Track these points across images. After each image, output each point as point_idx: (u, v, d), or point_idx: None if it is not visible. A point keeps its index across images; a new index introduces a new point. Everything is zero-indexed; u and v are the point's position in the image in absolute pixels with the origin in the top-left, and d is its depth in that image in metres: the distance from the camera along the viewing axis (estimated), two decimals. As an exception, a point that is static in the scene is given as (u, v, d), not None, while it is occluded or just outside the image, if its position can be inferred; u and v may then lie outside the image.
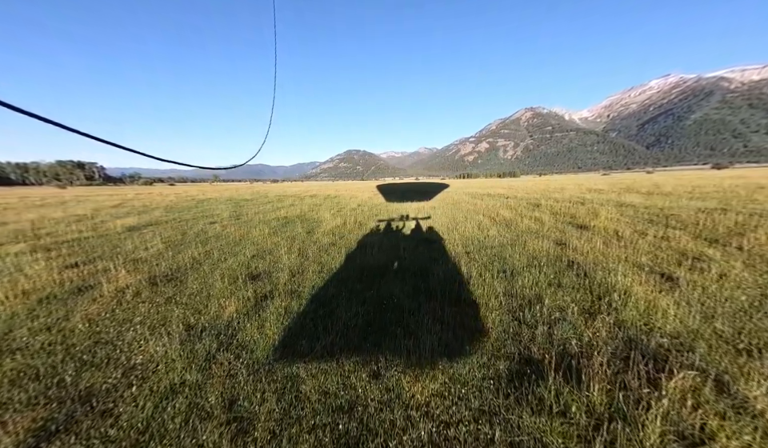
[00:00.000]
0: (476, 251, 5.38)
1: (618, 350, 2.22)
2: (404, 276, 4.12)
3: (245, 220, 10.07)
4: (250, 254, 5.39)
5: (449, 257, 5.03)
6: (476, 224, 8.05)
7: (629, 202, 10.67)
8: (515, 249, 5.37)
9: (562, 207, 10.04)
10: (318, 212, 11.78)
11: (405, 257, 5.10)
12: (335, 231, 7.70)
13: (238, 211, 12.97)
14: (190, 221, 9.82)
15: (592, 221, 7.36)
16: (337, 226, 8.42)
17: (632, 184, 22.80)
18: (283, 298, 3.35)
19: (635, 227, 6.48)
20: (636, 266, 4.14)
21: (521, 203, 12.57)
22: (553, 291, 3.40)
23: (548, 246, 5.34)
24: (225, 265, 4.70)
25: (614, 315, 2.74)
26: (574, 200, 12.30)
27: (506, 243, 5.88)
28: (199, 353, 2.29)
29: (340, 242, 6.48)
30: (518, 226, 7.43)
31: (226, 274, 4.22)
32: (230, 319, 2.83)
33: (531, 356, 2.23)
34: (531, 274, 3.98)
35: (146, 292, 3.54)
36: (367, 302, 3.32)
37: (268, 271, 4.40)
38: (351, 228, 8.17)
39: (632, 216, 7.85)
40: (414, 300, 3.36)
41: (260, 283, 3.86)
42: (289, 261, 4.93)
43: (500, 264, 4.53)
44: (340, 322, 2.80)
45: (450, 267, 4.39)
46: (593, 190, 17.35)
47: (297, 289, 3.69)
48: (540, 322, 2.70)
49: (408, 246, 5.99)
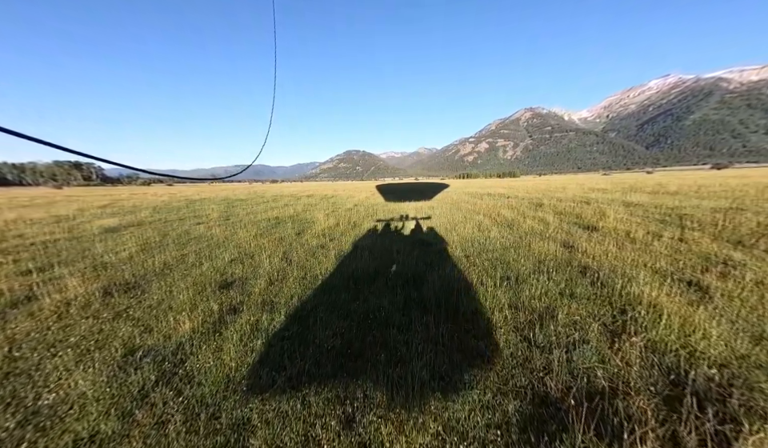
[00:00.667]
0: (476, 255, 4.92)
1: (659, 386, 1.75)
2: (396, 284, 3.66)
3: (234, 220, 9.60)
4: (228, 258, 4.92)
5: (446, 261, 4.57)
6: (476, 224, 7.59)
7: (636, 201, 10.22)
8: (519, 252, 4.91)
9: (566, 207, 9.59)
10: (311, 212, 11.32)
11: (398, 261, 4.64)
12: (326, 232, 7.23)
13: (229, 211, 12.50)
14: (176, 222, 9.35)
15: (600, 221, 6.90)
16: (329, 227, 7.96)
17: (635, 184, 22.37)
18: (253, 312, 2.89)
19: (647, 228, 6.03)
20: (656, 272, 3.68)
21: (522, 203, 12.11)
22: (566, 303, 2.94)
23: (555, 249, 4.88)
24: (198, 271, 4.23)
25: (644, 335, 2.28)
26: (577, 199, 11.85)
27: (509, 245, 5.42)
28: (131, 388, 1.82)
29: (330, 244, 6.01)
30: (520, 227, 6.98)
31: (196, 282, 3.75)
32: (183, 340, 2.37)
33: (548, 393, 1.77)
34: (539, 281, 3.52)
35: (96, 304, 3.07)
36: (351, 316, 2.86)
37: (244, 278, 3.93)
38: (344, 229, 7.70)
39: (642, 216, 7.40)
40: (404, 314, 2.90)
41: (231, 293, 3.40)
42: (270, 266, 4.47)
43: (503, 269, 4.07)
44: (314, 344, 2.34)
45: (447, 273, 3.92)
46: (596, 190, 16.91)
47: (272, 300, 3.23)
48: (555, 343, 2.24)
49: (403, 248, 5.53)
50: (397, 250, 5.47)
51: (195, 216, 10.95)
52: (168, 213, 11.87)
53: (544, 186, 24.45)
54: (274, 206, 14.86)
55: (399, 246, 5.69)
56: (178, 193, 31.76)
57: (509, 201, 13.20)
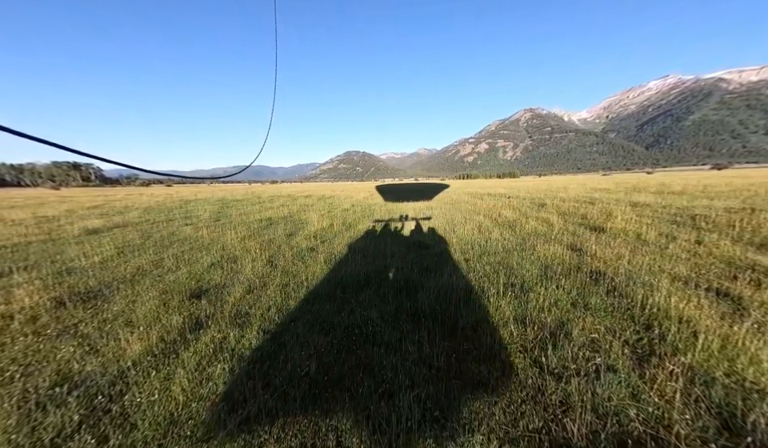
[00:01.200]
0: (477, 258, 4.55)
1: (710, 433, 1.38)
2: (388, 292, 3.29)
3: (225, 221, 9.23)
4: (209, 263, 4.54)
5: (444, 266, 4.20)
6: (476, 225, 7.22)
7: (642, 201, 9.85)
8: (523, 255, 4.54)
9: (570, 207, 9.22)
10: (306, 213, 10.95)
11: (392, 266, 4.27)
12: (319, 234, 6.86)
13: (222, 212, 12.14)
14: (164, 223, 8.97)
15: (607, 222, 6.54)
16: (322, 228, 7.59)
17: (637, 184, 22.02)
18: (222, 328, 2.52)
19: (659, 229, 5.66)
20: (678, 279, 3.31)
21: (524, 203, 11.75)
22: (580, 316, 2.57)
23: (562, 252, 4.51)
24: (172, 277, 3.86)
25: (680, 359, 1.91)
26: (581, 199, 11.48)
27: (512, 248, 5.05)
28: (42, 436, 1.45)
29: (321, 246, 5.65)
30: (523, 228, 6.61)
31: (166, 290, 3.38)
32: (129, 366, 1.99)
33: (569, 441, 1.39)
34: (547, 289, 3.15)
35: (44, 317, 2.69)
36: (333, 331, 2.49)
37: (220, 286, 3.56)
38: (338, 230, 7.34)
39: (651, 216, 7.03)
40: (395, 328, 2.53)
41: (202, 303, 3.02)
42: (252, 271, 4.10)
43: (506, 275, 3.70)
44: (286, 369, 1.97)
45: (445, 280, 3.55)
46: (598, 190, 16.56)
47: (246, 312, 2.85)
48: (572, 370, 1.87)
49: (398, 251, 5.16)
50: (392, 253, 5.10)
51: (186, 217, 10.58)
52: (159, 213, 11.50)
53: (545, 186, 24.10)
54: (269, 206, 14.50)
55: (395, 249, 5.32)
56: (175, 193, 31.35)
57: (510, 201, 12.83)
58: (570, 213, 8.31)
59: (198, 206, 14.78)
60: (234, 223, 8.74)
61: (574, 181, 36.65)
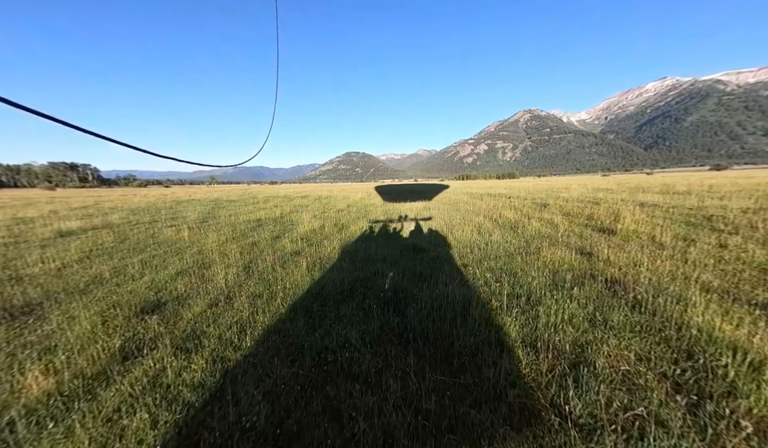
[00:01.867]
0: (477, 263, 4.10)
1: None
2: (373, 304, 2.83)
3: (212, 223, 8.77)
4: (178, 269, 4.08)
5: (440, 272, 3.75)
6: (475, 227, 6.77)
7: (649, 201, 9.42)
8: (527, 260, 4.09)
9: (574, 207, 8.78)
10: (299, 214, 10.49)
11: (382, 272, 3.81)
12: (308, 236, 6.41)
13: (212, 213, 11.67)
14: (146, 224, 8.51)
15: (616, 223, 6.10)
16: (312, 230, 7.13)
17: (639, 184, 21.63)
18: (164, 355, 2.05)
19: (674, 231, 5.22)
20: (709, 289, 2.86)
21: (525, 203, 11.31)
22: (602, 338, 2.11)
23: (571, 257, 4.06)
24: (129, 287, 3.39)
25: (742, 404, 1.46)
26: (584, 199, 11.05)
27: (514, 252, 4.60)
28: None
29: (307, 250, 5.19)
30: (525, 230, 6.16)
31: (116, 304, 2.91)
32: (19, 416, 1.53)
33: None
34: (558, 302, 2.70)
35: (-48, 340, 2.23)
36: (302, 358, 2.03)
37: (182, 298, 3.10)
38: (329, 232, 6.88)
39: (662, 217, 6.59)
40: (377, 353, 2.07)
41: (151, 321, 2.56)
42: (224, 279, 3.64)
43: (510, 284, 3.25)
44: (227, 418, 1.51)
45: (440, 290, 3.10)
46: (601, 190, 16.14)
47: (202, 332, 2.39)
48: (605, 421, 1.42)
49: (390, 255, 4.70)
50: (383, 257, 4.64)
51: (173, 218, 10.12)
52: (145, 214, 11.02)
53: (546, 187, 23.70)
54: (262, 207, 14.04)
55: (387, 253, 4.87)
56: (171, 194, 30.82)
57: (510, 201, 12.40)
58: (574, 213, 7.88)
59: (189, 207, 14.31)
60: (221, 225, 8.28)
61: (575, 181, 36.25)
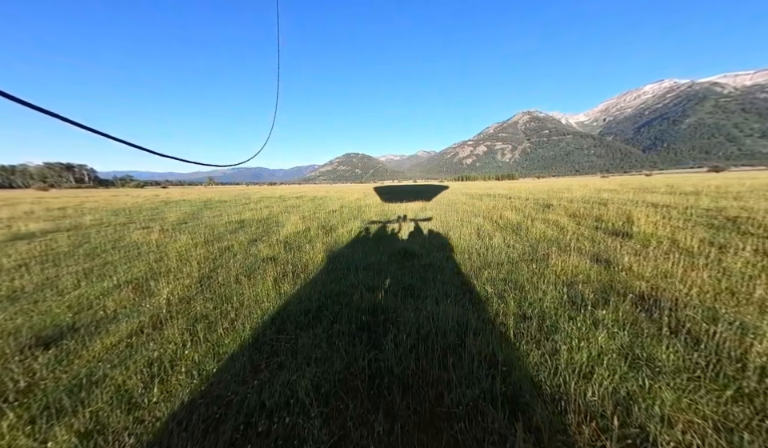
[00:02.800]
0: (475, 272, 3.49)
1: None
2: (344, 331, 2.22)
3: (191, 224, 8.15)
4: (121, 280, 3.46)
5: (431, 284, 3.14)
6: (474, 229, 6.17)
7: (659, 201, 8.84)
8: (535, 269, 3.48)
9: (579, 208, 8.19)
10: (288, 215, 9.86)
11: (363, 285, 3.20)
12: (288, 240, 5.80)
13: (197, 214, 11.04)
14: (118, 226, 7.87)
15: (631, 225, 5.51)
16: (296, 232, 6.52)
17: (642, 184, 21.10)
18: (14, 424, 1.43)
19: (698, 234, 4.62)
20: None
21: (527, 204, 10.73)
22: (651, 389, 1.51)
23: (586, 266, 3.46)
24: (44, 306, 2.76)
25: None
26: (590, 200, 10.46)
27: (519, 258, 4.00)
28: None
29: (284, 256, 4.58)
30: (529, 233, 5.57)
31: (13, 331, 2.29)
32: None
33: None
34: (581, 329, 2.09)
35: None
36: (222, 425, 1.42)
37: (101, 322, 2.47)
38: (314, 234, 6.27)
39: (679, 218, 6.01)
40: (332, 417, 1.46)
41: (40, 359, 1.93)
42: (169, 294, 3.01)
43: (517, 300, 2.64)
44: None
45: (429, 310, 2.49)
46: (605, 190, 15.58)
47: (96, 379, 1.77)
48: None
49: (377, 262, 4.10)
50: (368, 264, 4.03)
51: (151, 219, 9.50)
52: (123, 216, 10.39)
53: (546, 187, 23.16)
54: (253, 207, 13.43)
55: (373, 259, 4.26)
56: (165, 195, 30.12)
57: (511, 201, 11.82)
58: (581, 214, 7.29)
59: (176, 208, 13.69)
60: (200, 226, 7.66)
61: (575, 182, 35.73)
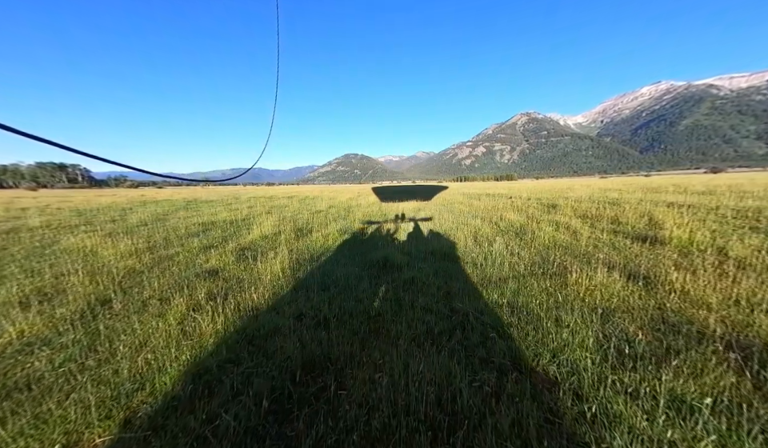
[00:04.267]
0: (470, 294, 2.58)
1: None
2: (250, 406, 1.30)
3: (151, 227, 7.21)
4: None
5: (407, 313, 2.23)
6: (471, 232, 5.27)
7: (677, 201, 7.97)
8: (549, 289, 2.58)
9: (589, 209, 7.31)
10: (268, 215, 8.92)
11: (311, 316, 2.28)
12: (251, 246, 4.90)
13: (169, 214, 10.11)
14: (64, 229, 6.92)
15: (657, 229, 4.63)
16: (262, 237, 5.61)
17: (647, 185, 20.31)
18: None
19: (745, 240, 3.74)
20: None
21: (529, 203, 9.85)
22: None
23: (618, 285, 2.57)
24: None
25: None
26: (597, 200, 9.59)
27: (527, 272, 3.11)
28: None
29: (231, 269, 3.68)
30: (536, 237, 4.67)
31: None
32: None
33: None
34: (652, 420, 1.19)
35: None
36: None
37: None
38: (285, 239, 5.37)
39: (712, 220, 5.13)
40: None
41: None
42: (25, 328, 2.09)
43: (531, 346, 1.74)
44: None
45: (397, 366, 1.57)
46: (610, 190, 14.76)
47: None
48: None
49: (345, 278, 3.19)
50: (334, 281, 3.12)
51: (111, 220, 8.56)
52: (85, 217, 9.44)
53: (547, 187, 22.34)
54: (236, 208, 12.52)
55: (343, 272, 3.35)
56: (151, 195, 28.99)
57: (512, 201, 10.94)
58: (593, 215, 6.41)
59: (150, 208, 12.74)
60: (158, 230, 6.72)
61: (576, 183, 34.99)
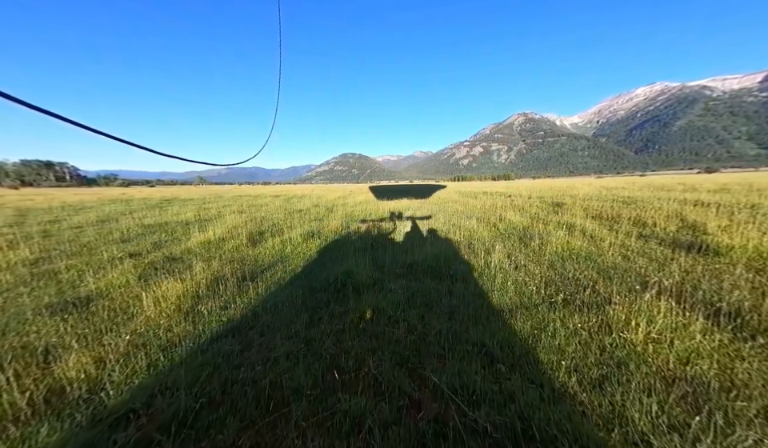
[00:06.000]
0: (456, 343, 1.52)
1: None
2: None
3: (79, 231, 6.08)
4: None
5: (346, 402, 1.18)
6: (465, 236, 4.22)
7: (699, 199, 6.99)
8: (582, 333, 1.53)
9: (602, 208, 6.30)
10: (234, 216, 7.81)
11: (178, 403, 1.21)
12: (182, 255, 3.81)
13: (122, 214, 8.94)
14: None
15: (697, 233, 3.62)
16: (204, 243, 4.52)
17: (650, 183, 19.47)
18: None
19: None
20: None
21: (531, 202, 8.84)
22: None
23: (695, 330, 1.52)
24: None
25: None
26: (605, 198, 8.60)
27: (540, 298, 2.08)
28: None
29: (110, 297, 2.58)
30: (546, 243, 3.63)
31: None
32: None
33: None
34: None
35: None
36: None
37: None
38: (233, 246, 4.28)
39: (760, 221, 4.13)
40: None
41: None
42: None
43: None
44: None
45: None
46: (615, 189, 13.84)
47: None
48: None
49: (273, 309, 2.11)
50: (259, 314, 2.05)
51: (54, 220, 7.41)
52: (30, 217, 8.27)
53: (547, 186, 21.40)
54: (210, 207, 11.38)
55: (282, 298, 2.29)
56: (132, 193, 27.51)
57: (511, 200, 9.93)
58: (608, 216, 5.40)
59: (109, 207, 11.54)
60: (89, 233, 5.60)
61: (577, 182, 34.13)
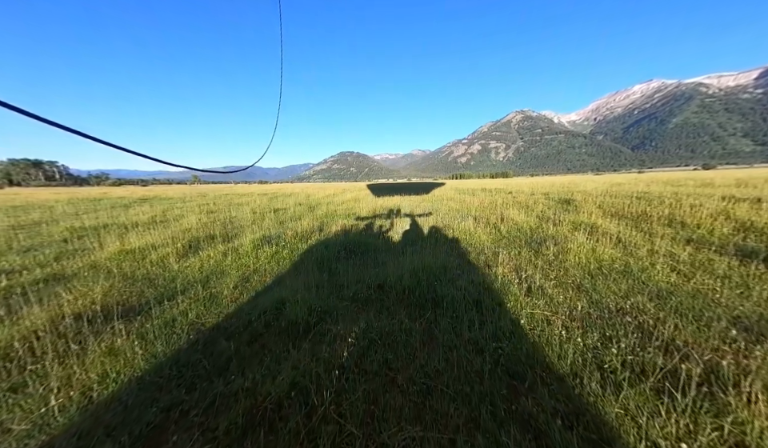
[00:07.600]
0: None
1: None
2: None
3: (21, 232, 5.10)
4: None
5: None
6: (461, 240, 3.29)
7: (730, 194, 6.11)
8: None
9: (622, 205, 5.40)
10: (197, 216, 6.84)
11: None
12: (86, 270, 2.84)
13: (75, 214, 7.96)
14: None
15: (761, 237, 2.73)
16: (126, 252, 3.55)
17: (656, 178, 18.69)
18: None
19: None
20: None
21: (536, 199, 7.93)
22: None
23: None
24: None
25: None
26: (619, 194, 7.70)
27: (581, 361, 1.14)
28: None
29: None
30: (566, 251, 2.72)
31: None
32: None
33: None
34: None
35: None
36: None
37: None
38: (159, 257, 3.32)
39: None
40: None
41: None
42: None
43: None
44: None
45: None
46: (620, 183, 12.99)
47: None
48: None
49: (126, 379, 1.16)
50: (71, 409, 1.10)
51: None
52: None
53: (548, 183, 20.53)
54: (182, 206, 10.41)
55: (150, 361, 1.33)
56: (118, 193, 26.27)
57: (513, 197, 9.02)
58: (632, 214, 4.49)
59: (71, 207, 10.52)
60: (11, 237, 4.62)
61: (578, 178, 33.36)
